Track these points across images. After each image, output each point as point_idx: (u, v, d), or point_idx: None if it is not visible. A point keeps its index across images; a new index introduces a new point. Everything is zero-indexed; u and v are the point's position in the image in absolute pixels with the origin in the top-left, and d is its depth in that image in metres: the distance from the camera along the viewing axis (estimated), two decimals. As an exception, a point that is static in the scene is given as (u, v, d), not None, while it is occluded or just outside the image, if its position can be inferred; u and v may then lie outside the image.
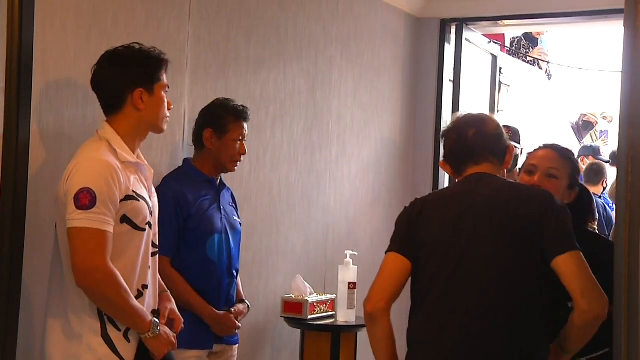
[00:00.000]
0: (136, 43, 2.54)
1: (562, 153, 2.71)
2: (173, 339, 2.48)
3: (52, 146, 2.76)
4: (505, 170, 2.66)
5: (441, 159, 2.48)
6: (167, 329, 2.47)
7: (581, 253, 2.22)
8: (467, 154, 2.37)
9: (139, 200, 2.43)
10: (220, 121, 3.16)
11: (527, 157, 2.77)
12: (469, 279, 2.21)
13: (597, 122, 8.62)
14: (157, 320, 2.43)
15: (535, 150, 2.76)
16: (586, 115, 8.63)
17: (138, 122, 2.49)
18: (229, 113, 3.18)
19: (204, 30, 3.50)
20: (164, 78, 2.54)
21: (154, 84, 2.49)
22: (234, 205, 3.35)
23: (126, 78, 2.46)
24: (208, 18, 3.52)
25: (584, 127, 8.55)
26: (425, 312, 2.26)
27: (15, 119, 2.59)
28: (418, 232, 2.30)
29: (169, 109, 2.56)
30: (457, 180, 2.44)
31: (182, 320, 2.62)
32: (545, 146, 2.74)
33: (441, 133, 2.48)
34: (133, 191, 2.42)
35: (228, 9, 3.64)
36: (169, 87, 2.57)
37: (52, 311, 2.41)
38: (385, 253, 2.35)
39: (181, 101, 3.39)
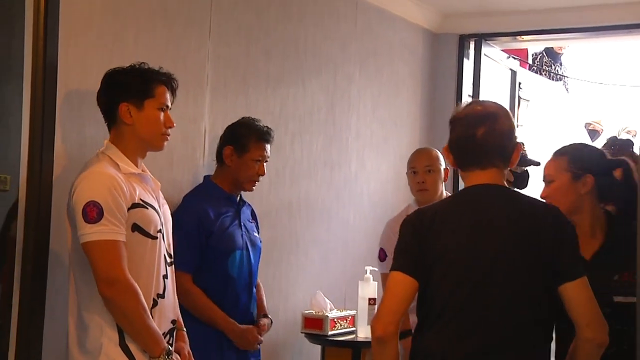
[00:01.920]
0: (143, 63, 2.58)
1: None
2: None
3: (75, 164, 2.79)
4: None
5: (445, 144, 2.32)
6: None
7: (586, 277, 2.21)
8: (474, 156, 2.24)
9: (147, 208, 2.46)
10: (242, 140, 3.18)
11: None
12: (489, 298, 2.17)
13: (602, 130, 8.60)
14: (170, 348, 2.44)
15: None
16: (591, 124, 8.61)
17: (131, 137, 2.51)
18: (251, 133, 3.19)
19: (223, 48, 3.53)
20: (162, 96, 2.54)
21: (144, 99, 2.51)
22: (254, 221, 3.36)
23: (113, 93, 2.51)
24: (227, 36, 3.56)
25: (590, 135, 8.54)
26: (440, 329, 2.20)
27: (39, 137, 2.64)
28: (428, 246, 2.19)
29: (168, 127, 2.56)
30: (463, 176, 2.31)
31: None
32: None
33: (450, 119, 2.29)
34: (140, 199, 2.44)
35: (247, 27, 3.67)
36: (168, 107, 2.56)
37: (72, 322, 2.44)
38: (390, 270, 2.23)
39: (202, 119, 3.42)
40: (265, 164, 3.22)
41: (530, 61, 7.45)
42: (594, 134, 8.62)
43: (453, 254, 2.19)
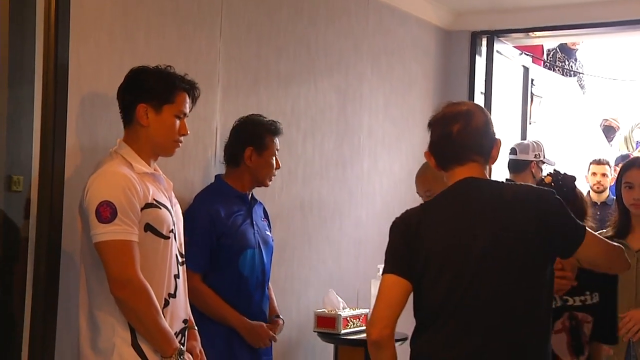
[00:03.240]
0: (168, 66, 2.59)
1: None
2: None
3: (87, 164, 2.81)
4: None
5: (426, 149, 2.35)
6: None
7: (587, 228, 2.27)
8: (452, 153, 2.26)
9: (160, 208, 2.46)
10: (261, 139, 3.19)
11: None
12: (485, 294, 2.16)
13: (618, 127, 8.54)
14: (182, 348, 2.45)
15: None
16: (607, 120, 8.56)
17: (145, 139, 2.52)
18: (267, 131, 3.22)
19: (234, 48, 3.54)
20: (182, 104, 2.55)
21: (164, 104, 2.52)
22: (266, 220, 3.37)
23: (135, 92, 2.52)
24: (238, 36, 3.57)
25: (605, 131, 8.48)
26: (437, 330, 2.18)
27: (51, 138, 2.66)
28: (419, 248, 2.19)
29: (182, 134, 2.57)
30: (446, 176, 2.32)
31: None
32: None
33: (428, 122, 2.34)
34: (154, 199, 2.45)
35: (258, 26, 3.68)
36: (186, 114, 2.58)
37: (83, 321, 2.45)
38: (382, 273, 2.22)
39: (213, 118, 3.43)
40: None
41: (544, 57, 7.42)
42: (609, 130, 8.56)
43: (444, 257, 2.18)
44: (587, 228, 2.25)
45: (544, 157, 4.67)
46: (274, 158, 3.22)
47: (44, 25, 2.66)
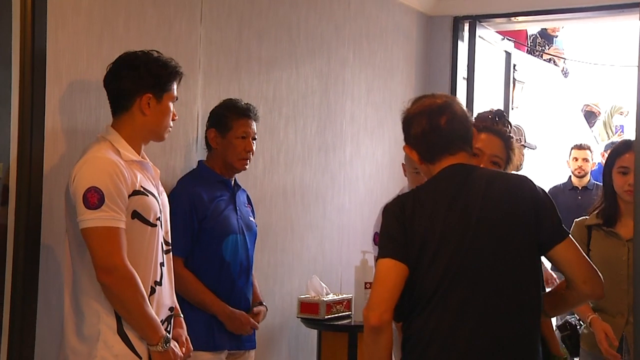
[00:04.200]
0: (155, 51, 2.57)
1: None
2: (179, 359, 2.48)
3: (66, 150, 2.78)
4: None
5: (405, 143, 2.34)
6: (176, 348, 2.47)
7: (571, 236, 2.27)
8: (442, 144, 2.27)
9: (147, 196, 2.45)
10: (222, 119, 3.18)
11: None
12: (478, 275, 2.18)
13: (599, 113, 8.58)
14: (168, 336, 2.44)
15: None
16: (589, 105, 8.59)
17: (141, 126, 2.51)
18: (230, 111, 3.20)
19: (215, 32, 3.50)
20: (174, 90, 2.56)
21: (164, 92, 2.52)
22: (249, 206, 3.36)
23: (137, 81, 2.49)
24: (219, 20, 3.53)
25: (586, 116, 8.51)
26: (432, 311, 2.19)
27: (29, 123, 2.63)
28: (414, 231, 2.20)
29: (173, 120, 2.58)
30: (431, 168, 2.30)
31: (192, 349, 2.62)
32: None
33: (404, 117, 2.32)
34: (141, 186, 2.44)
35: (239, 10, 3.64)
36: (177, 99, 2.59)
37: (68, 308, 2.43)
38: (379, 257, 2.21)
39: (194, 103, 3.40)
40: (254, 142, 3.21)
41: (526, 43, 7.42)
42: (590, 115, 8.59)
43: (439, 241, 2.19)
44: (571, 236, 2.27)
45: (525, 142, 4.70)
46: (242, 140, 3.16)
47: (20, 10, 2.61)
